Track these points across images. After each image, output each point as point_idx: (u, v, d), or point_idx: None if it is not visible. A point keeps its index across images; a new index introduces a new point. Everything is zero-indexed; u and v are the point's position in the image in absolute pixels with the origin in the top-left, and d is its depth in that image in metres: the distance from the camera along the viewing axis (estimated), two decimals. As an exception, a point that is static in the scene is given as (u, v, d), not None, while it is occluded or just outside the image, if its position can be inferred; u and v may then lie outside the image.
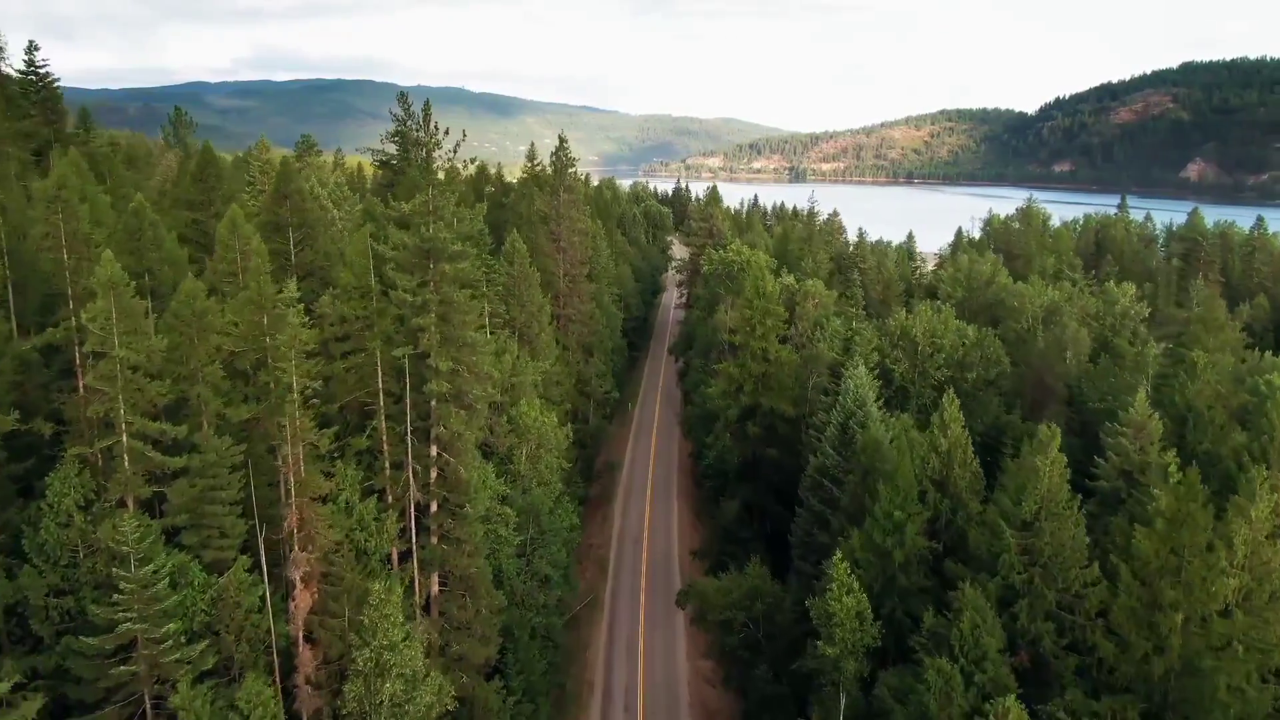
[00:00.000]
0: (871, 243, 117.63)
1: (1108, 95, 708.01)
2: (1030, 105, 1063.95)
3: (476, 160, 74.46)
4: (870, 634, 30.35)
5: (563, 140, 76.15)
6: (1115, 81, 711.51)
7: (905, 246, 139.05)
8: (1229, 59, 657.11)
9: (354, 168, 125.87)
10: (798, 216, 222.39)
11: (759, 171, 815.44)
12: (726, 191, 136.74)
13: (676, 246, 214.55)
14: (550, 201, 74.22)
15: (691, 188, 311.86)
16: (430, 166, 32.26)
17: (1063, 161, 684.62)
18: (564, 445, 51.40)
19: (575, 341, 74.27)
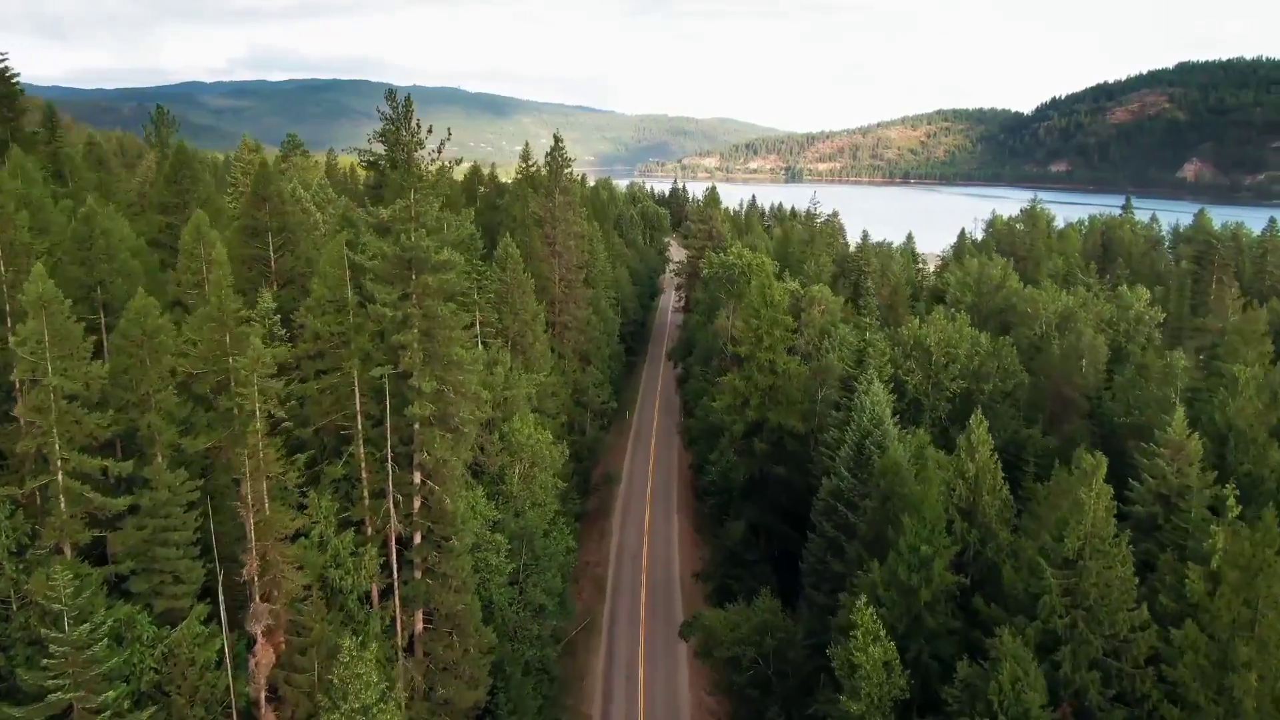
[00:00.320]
0: (875, 245, 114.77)
1: (1104, 95, 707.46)
2: (1026, 105, 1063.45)
3: (461, 160, 71.37)
4: (898, 685, 27.51)
5: (558, 140, 73.23)
6: (1111, 81, 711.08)
7: (906, 248, 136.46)
8: (1225, 59, 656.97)
9: (346, 169, 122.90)
10: (796, 217, 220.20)
11: (755, 172, 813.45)
12: (723, 191, 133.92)
13: (674, 248, 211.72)
14: (545, 204, 71.29)
15: (688, 188, 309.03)
16: (412, 168, 29.23)
17: (1059, 162, 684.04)
18: (559, 463, 48.47)
19: (571, 350, 71.33)
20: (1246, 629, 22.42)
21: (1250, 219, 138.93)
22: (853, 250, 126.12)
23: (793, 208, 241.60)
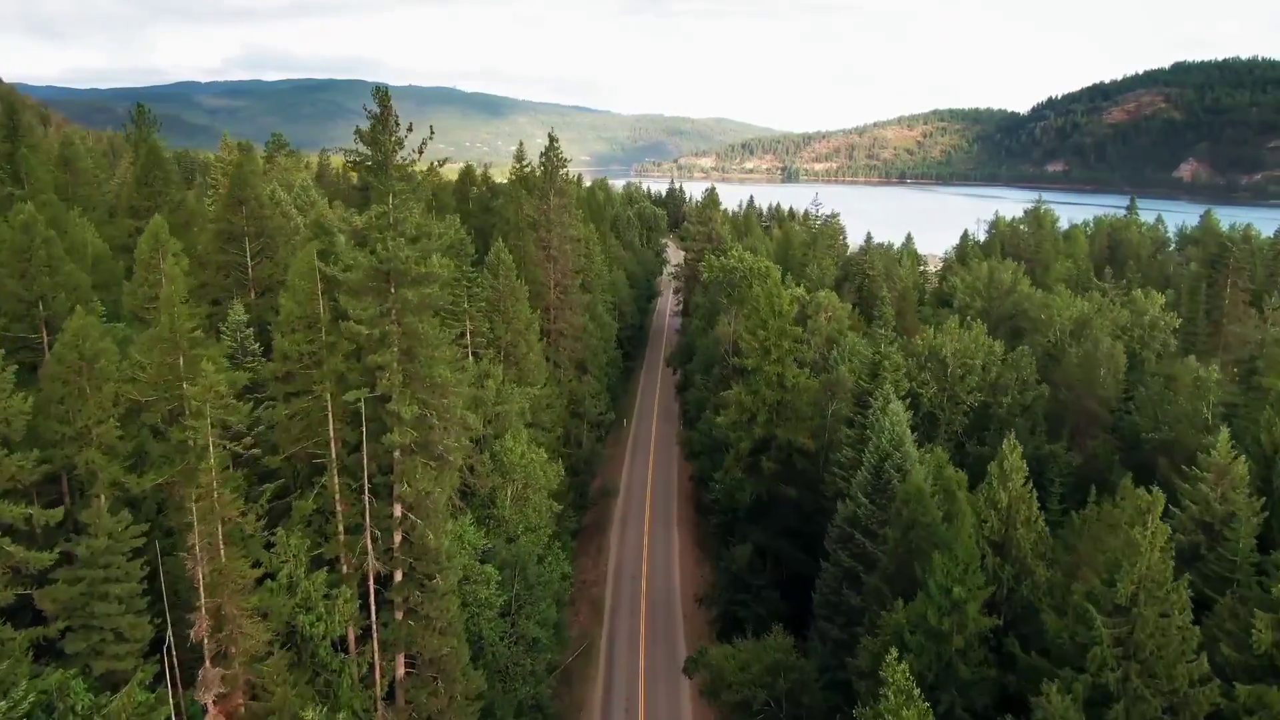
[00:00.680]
0: (879, 247, 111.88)
1: (1100, 95, 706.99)
2: (1022, 105, 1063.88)
3: (444, 161, 68.35)
4: (932, 747, 24.64)
5: (553, 140, 70.17)
6: (1107, 81, 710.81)
7: (906, 250, 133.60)
8: (1221, 59, 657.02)
9: (339, 169, 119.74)
10: (795, 218, 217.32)
11: (751, 171, 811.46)
12: (720, 191, 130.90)
13: (671, 249, 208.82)
14: (540, 206, 68.29)
15: (685, 188, 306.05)
16: (390, 170, 26.25)
17: (1055, 161, 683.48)
18: (555, 484, 45.54)
19: (567, 358, 68.37)
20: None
21: (1247, 219, 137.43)
22: (854, 253, 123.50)
23: (791, 208, 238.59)
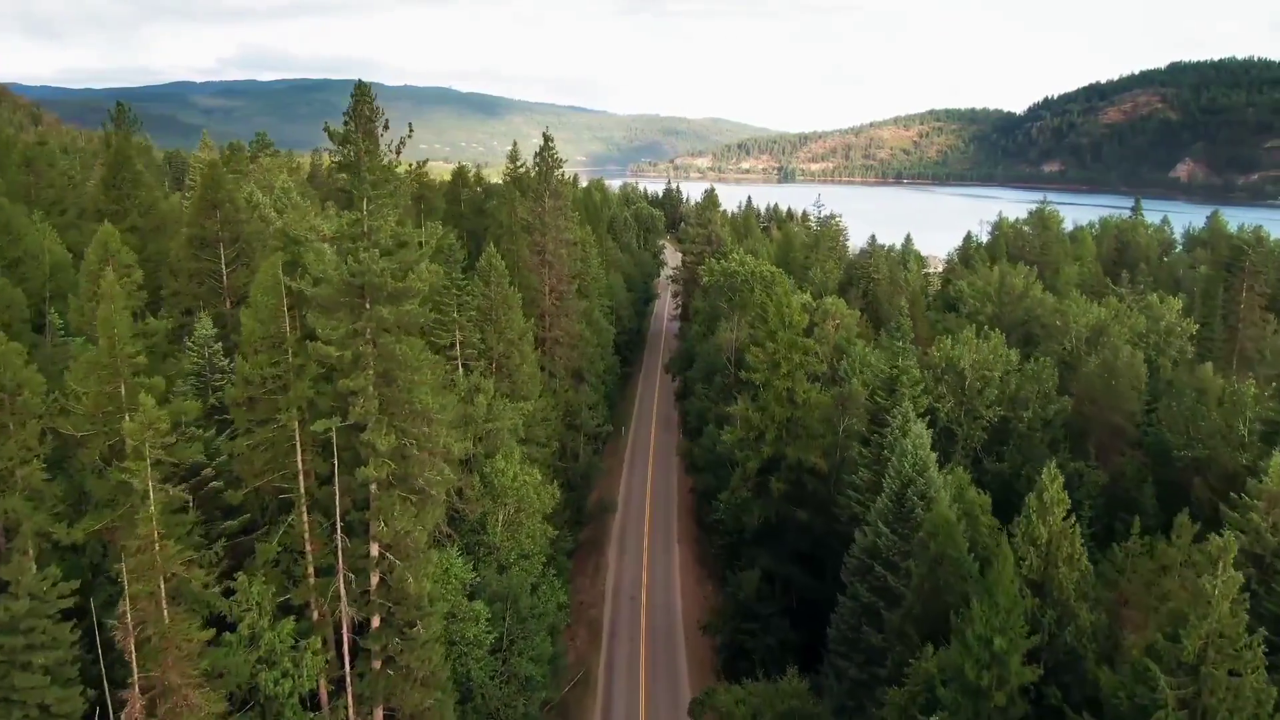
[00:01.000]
0: (883, 249, 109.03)
1: (1096, 95, 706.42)
2: (1019, 105, 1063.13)
3: (423, 161, 65.53)
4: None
5: (548, 139, 67.10)
6: (1103, 81, 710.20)
7: (911, 253, 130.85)
8: (1217, 59, 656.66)
9: (327, 170, 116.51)
10: (793, 219, 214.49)
11: (747, 172, 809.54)
12: (717, 192, 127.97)
13: (669, 250, 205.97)
14: (534, 209, 65.30)
15: (682, 188, 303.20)
16: (363, 173, 23.28)
17: (1052, 161, 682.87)
18: (549, 507, 42.63)
19: (563, 368, 65.39)
20: None
21: (1245, 219, 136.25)
22: (857, 255, 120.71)
23: (789, 209, 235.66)
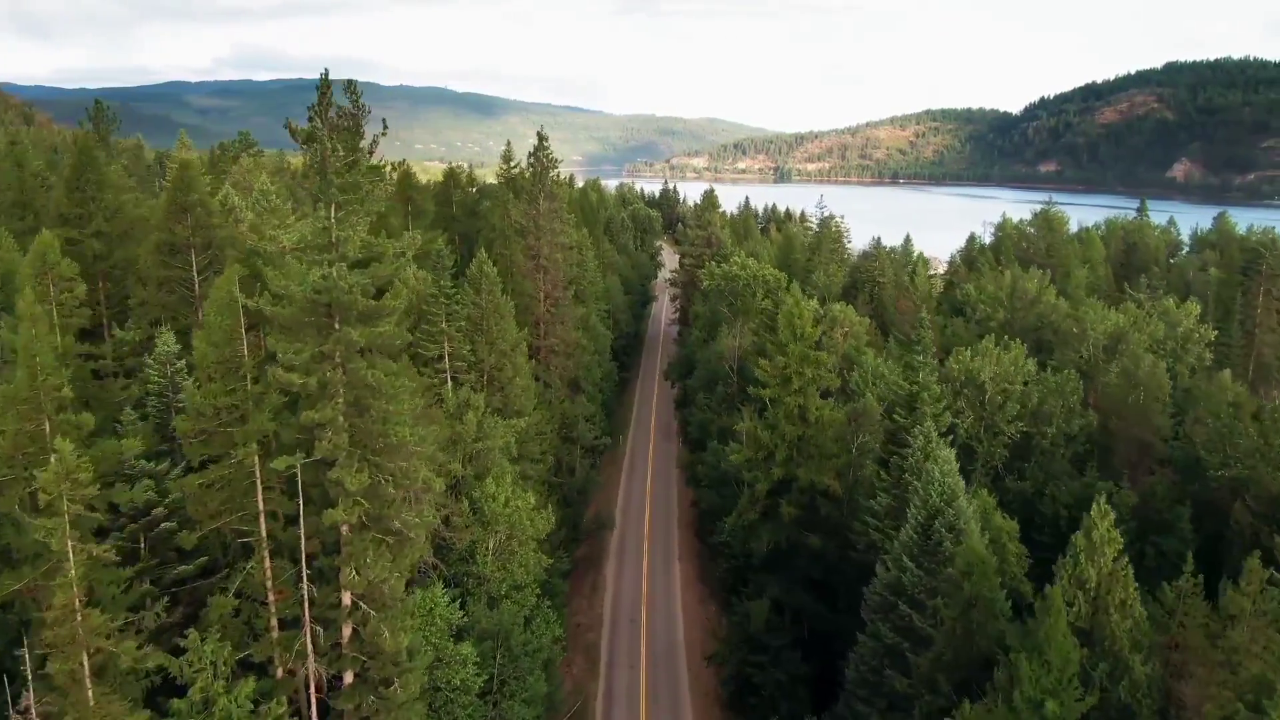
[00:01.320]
0: (889, 251, 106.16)
1: (1092, 95, 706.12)
2: (1015, 105, 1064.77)
3: (401, 160, 62.53)
4: None
5: (542, 139, 64.07)
6: (1100, 81, 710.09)
7: (917, 255, 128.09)
8: (1213, 59, 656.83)
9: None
10: (792, 219, 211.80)
11: (744, 172, 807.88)
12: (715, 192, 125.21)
13: (666, 252, 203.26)
14: (528, 211, 62.37)
15: (679, 188, 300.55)
16: (327, 174, 20.30)
17: (1048, 161, 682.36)
18: (545, 532, 39.72)
19: (559, 377, 62.46)
20: None
21: (1243, 219, 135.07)
22: (861, 258, 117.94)
23: (787, 209, 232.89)
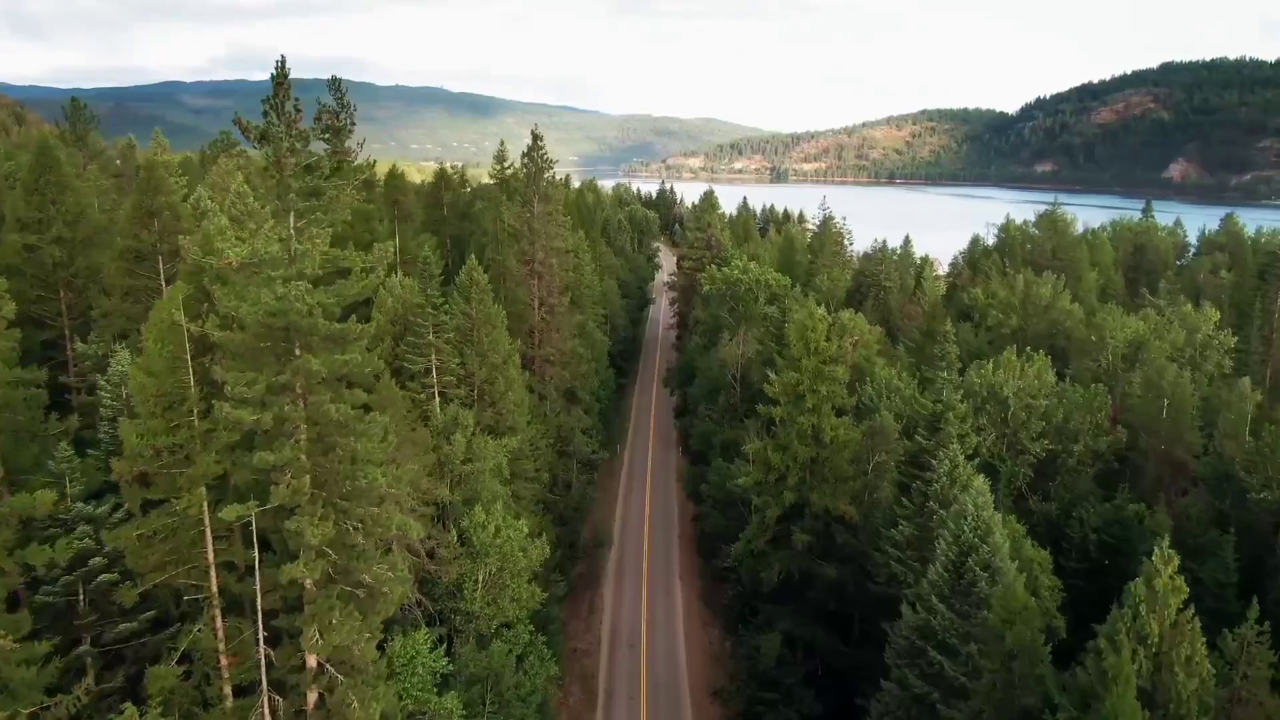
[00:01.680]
0: (893, 254, 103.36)
1: (1088, 95, 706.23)
2: (1011, 105, 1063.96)
3: (373, 162, 59.38)
4: None
5: (537, 138, 61.03)
6: (1096, 82, 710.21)
7: (922, 257, 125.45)
8: (1209, 59, 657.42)
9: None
10: (789, 220, 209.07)
11: (740, 172, 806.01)
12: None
13: (664, 253, 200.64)
14: (522, 214, 59.40)
15: (675, 188, 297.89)
16: (284, 179, 17.28)
17: (1044, 162, 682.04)
18: (539, 562, 36.80)
19: (554, 388, 59.57)
20: None
21: (1243, 219, 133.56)
22: (861, 259, 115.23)
23: (785, 210, 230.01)
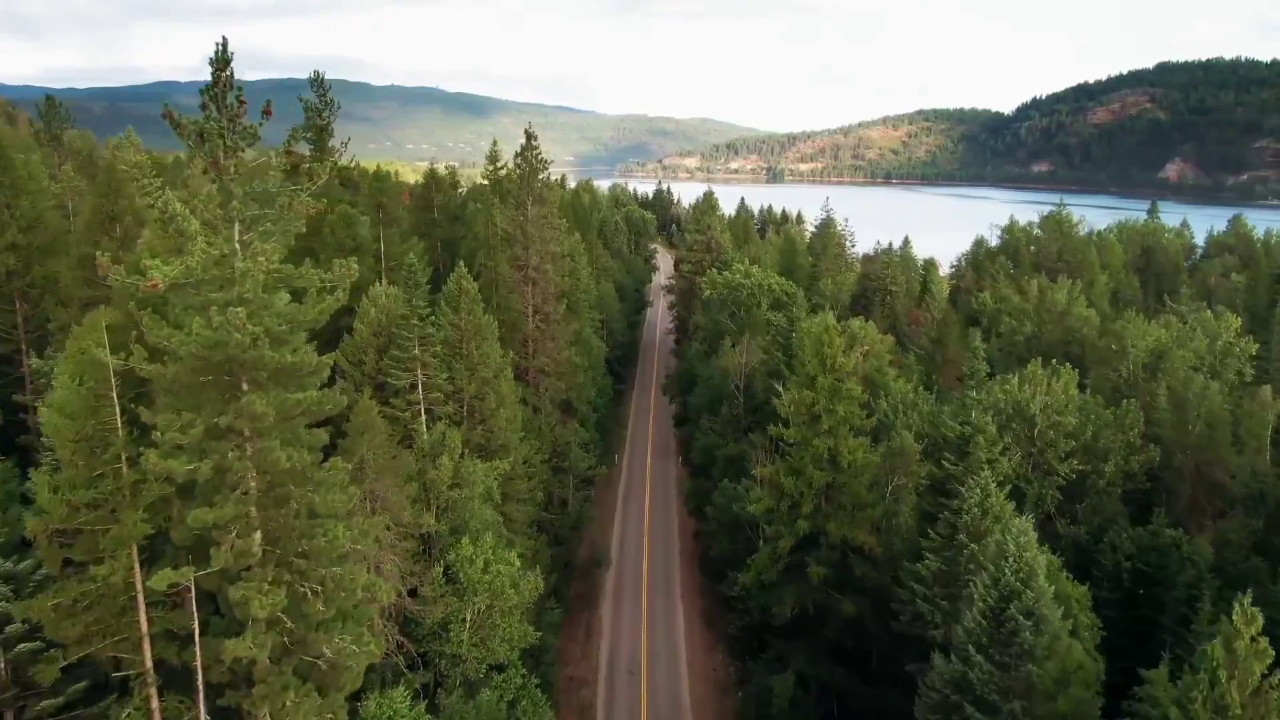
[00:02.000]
0: (897, 256, 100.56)
1: (1085, 95, 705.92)
2: (1007, 105, 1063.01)
3: (346, 160, 56.24)
4: None
5: (531, 137, 57.85)
6: (1092, 82, 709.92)
7: (908, 255, 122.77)
8: (1205, 59, 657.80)
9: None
10: (788, 220, 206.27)
11: (736, 172, 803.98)
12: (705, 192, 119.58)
13: (661, 254, 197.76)
14: (515, 218, 56.43)
15: (672, 189, 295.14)
16: (225, 184, 14.26)
17: (1041, 162, 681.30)
18: (533, 598, 33.88)
19: (549, 400, 56.60)
20: None
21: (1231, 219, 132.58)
22: (862, 262, 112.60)
23: (783, 210, 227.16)
